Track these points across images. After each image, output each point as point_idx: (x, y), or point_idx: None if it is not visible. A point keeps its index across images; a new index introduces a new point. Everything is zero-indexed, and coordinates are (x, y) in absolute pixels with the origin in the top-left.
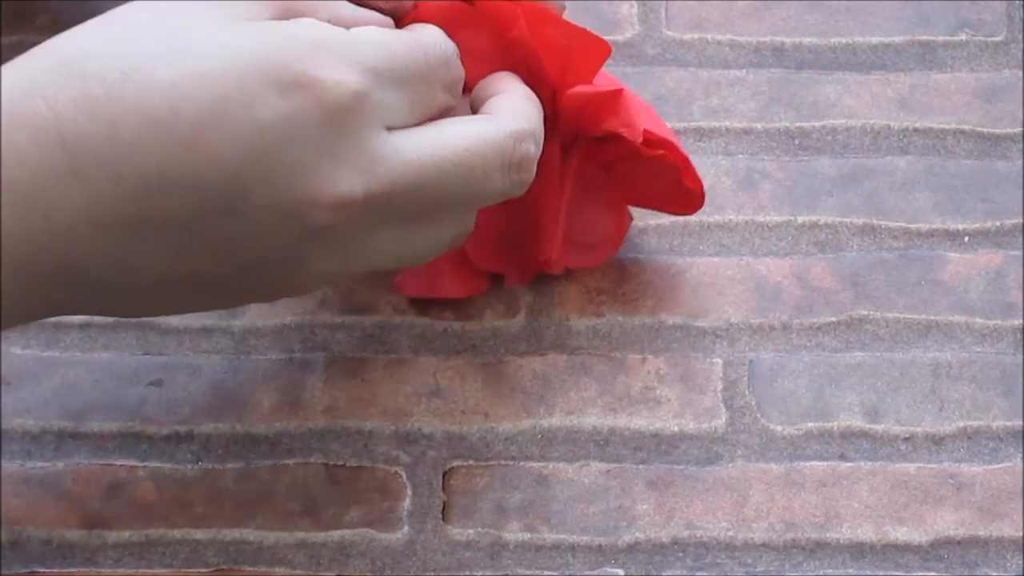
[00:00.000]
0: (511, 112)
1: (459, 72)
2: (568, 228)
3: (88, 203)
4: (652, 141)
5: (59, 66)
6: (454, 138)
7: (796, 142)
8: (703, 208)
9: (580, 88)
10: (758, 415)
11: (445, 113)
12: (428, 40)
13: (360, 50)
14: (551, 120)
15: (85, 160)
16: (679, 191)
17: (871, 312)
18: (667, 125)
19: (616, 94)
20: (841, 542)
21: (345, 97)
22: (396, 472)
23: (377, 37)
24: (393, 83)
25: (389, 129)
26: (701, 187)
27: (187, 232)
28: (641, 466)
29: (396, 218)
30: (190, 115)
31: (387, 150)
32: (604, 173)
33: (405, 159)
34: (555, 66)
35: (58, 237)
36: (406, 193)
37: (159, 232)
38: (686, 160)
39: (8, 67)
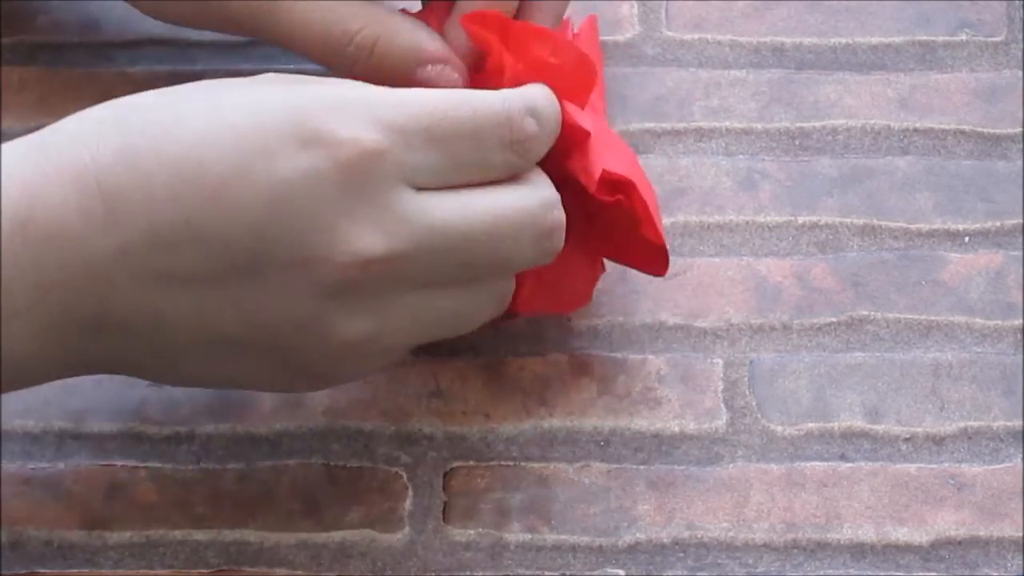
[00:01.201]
0: (542, 175)
1: (528, 131)
2: (543, 270)
3: (123, 252)
4: (612, 182)
5: (108, 118)
6: (485, 206)
7: (796, 142)
8: (703, 208)
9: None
10: (759, 415)
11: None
12: (481, 98)
13: (389, 108)
14: None
15: (120, 210)
16: (640, 243)
17: (871, 312)
18: (643, 173)
19: (584, 136)
20: (842, 542)
21: (359, 155)
22: (397, 473)
23: (416, 95)
24: (426, 142)
25: (420, 189)
26: (661, 239)
27: (214, 289)
28: (642, 467)
29: (423, 283)
30: (217, 167)
31: (411, 211)
32: (586, 224)
33: (430, 222)
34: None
35: (97, 283)
36: (431, 256)
37: (188, 287)
38: (646, 208)
39: (73, 118)
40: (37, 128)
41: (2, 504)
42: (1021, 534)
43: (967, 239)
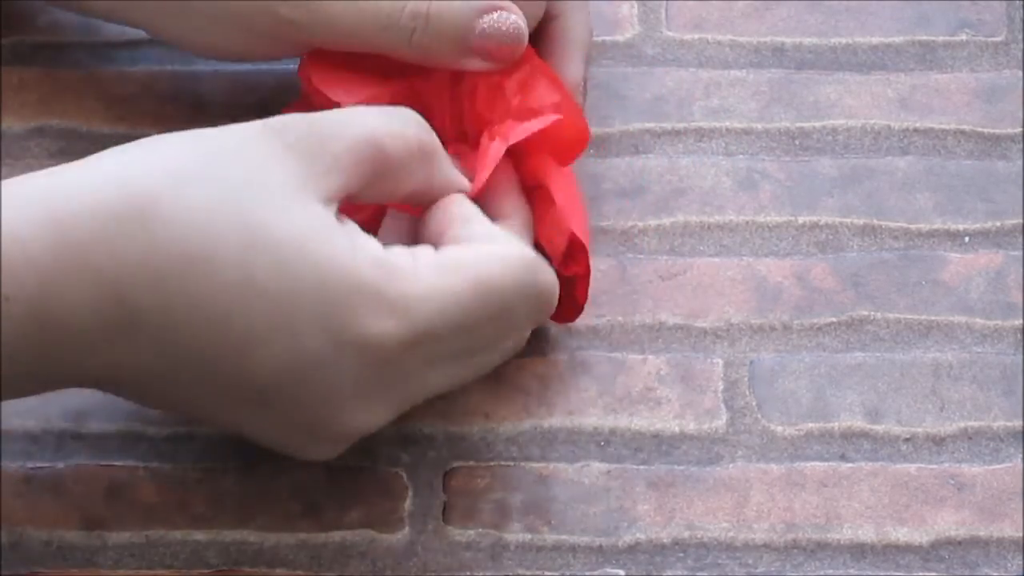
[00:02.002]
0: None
1: (554, 291)
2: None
3: (133, 357)
4: (572, 253)
5: (130, 220)
6: (483, 364)
7: (796, 142)
8: (703, 208)
9: (536, 171)
10: (759, 415)
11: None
12: (511, 275)
13: (421, 305)
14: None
15: (136, 323)
16: (567, 298)
17: (872, 312)
18: (586, 219)
19: (550, 202)
20: (842, 542)
21: (384, 353)
22: (397, 473)
23: (441, 292)
24: (453, 334)
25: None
26: (584, 301)
27: (216, 397)
28: (642, 466)
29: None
30: (242, 328)
31: (417, 388)
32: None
33: (430, 391)
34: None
35: (107, 372)
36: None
37: (193, 387)
38: (587, 272)
39: (84, 180)
40: (36, 129)
41: (2, 504)
42: (1021, 534)
43: (967, 239)
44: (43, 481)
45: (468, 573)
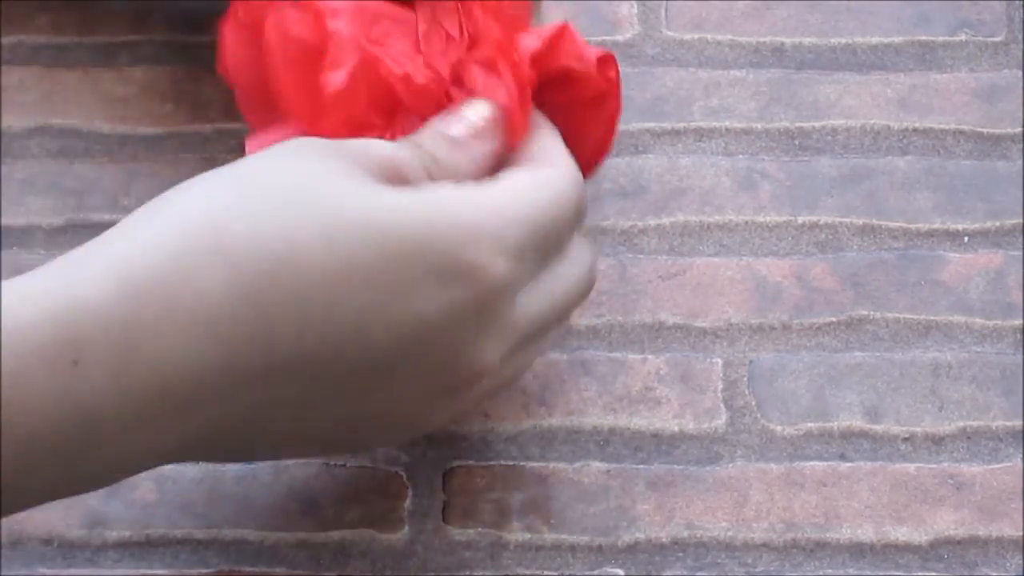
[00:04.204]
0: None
1: (586, 212)
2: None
3: (234, 386)
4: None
5: (208, 252)
6: (564, 291)
7: (796, 142)
8: (703, 208)
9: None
10: (758, 415)
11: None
12: (563, 190)
13: (505, 229)
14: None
15: (237, 347)
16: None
17: (871, 312)
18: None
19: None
20: (841, 542)
21: (493, 285)
22: (397, 472)
23: (523, 210)
24: (531, 257)
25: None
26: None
27: (327, 403)
28: (641, 466)
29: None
30: (350, 310)
31: (518, 317)
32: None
33: (531, 321)
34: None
35: (201, 429)
36: (529, 344)
37: (300, 405)
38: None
39: (136, 231)
40: (37, 128)
41: None
42: (1021, 534)
43: (967, 239)
44: None
45: (468, 573)
